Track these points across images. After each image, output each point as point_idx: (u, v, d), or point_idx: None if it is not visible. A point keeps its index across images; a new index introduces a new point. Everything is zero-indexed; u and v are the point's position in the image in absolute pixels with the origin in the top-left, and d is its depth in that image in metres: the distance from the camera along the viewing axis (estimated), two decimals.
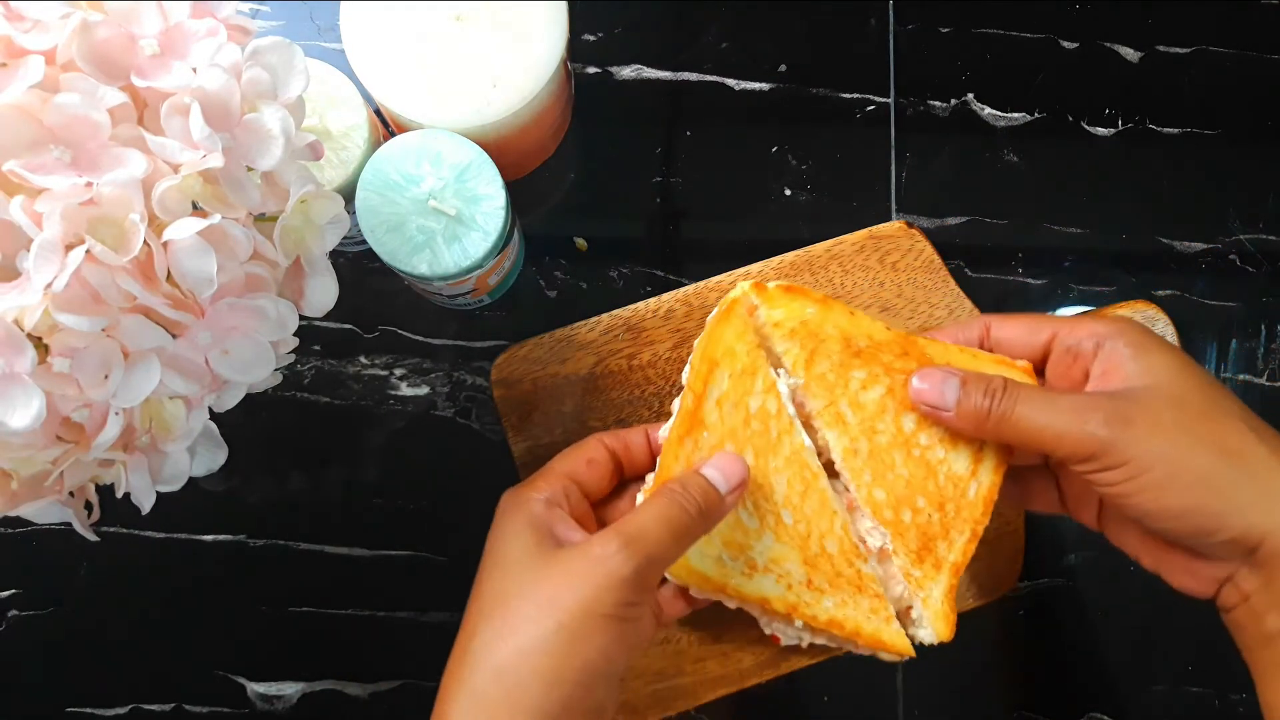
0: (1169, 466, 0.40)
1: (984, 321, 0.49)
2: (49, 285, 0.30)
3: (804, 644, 0.47)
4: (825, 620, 0.45)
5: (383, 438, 0.58)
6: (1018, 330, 0.48)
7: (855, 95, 0.62)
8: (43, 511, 0.36)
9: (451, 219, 0.47)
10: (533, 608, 0.39)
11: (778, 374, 0.47)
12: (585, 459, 0.47)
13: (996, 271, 0.61)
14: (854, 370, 0.47)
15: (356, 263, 0.58)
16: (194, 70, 0.33)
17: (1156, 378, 0.43)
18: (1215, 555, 0.42)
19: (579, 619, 0.38)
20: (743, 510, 0.45)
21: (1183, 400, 0.42)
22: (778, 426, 0.46)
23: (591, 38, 0.61)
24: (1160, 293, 0.61)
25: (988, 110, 0.62)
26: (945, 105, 0.62)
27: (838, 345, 0.47)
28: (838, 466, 0.47)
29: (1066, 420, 0.42)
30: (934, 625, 0.47)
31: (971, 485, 0.47)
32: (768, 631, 0.47)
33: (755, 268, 0.57)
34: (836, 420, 0.47)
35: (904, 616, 0.48)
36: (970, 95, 0.62)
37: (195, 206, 0.34)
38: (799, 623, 0.46)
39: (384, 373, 0.58)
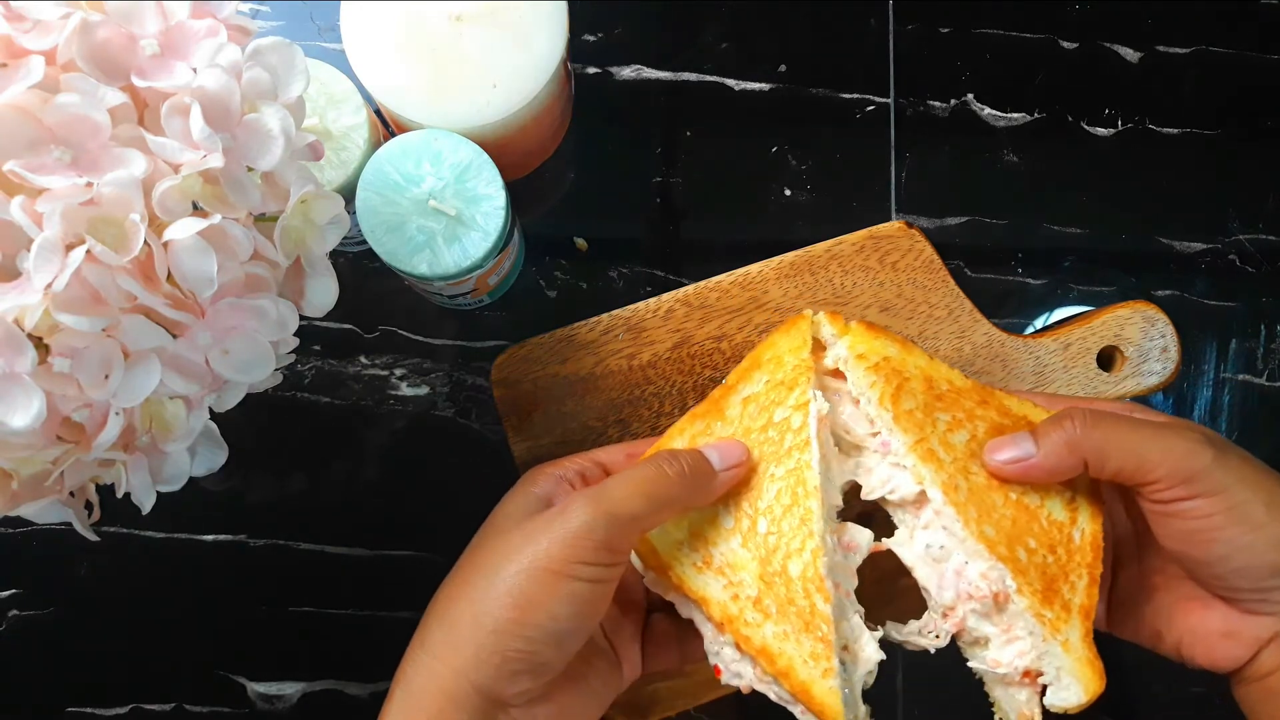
0: (1264, 498, 0.39)
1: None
2: (49, 285, 0.30)
3: (744, 687, 0.43)
4: (758, 646, 0.41)
5: (383, 438, 0.58)
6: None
7: (855, 95, 0.62)
8: (43, 511, 0.36)
9: (451, 219, 0.47)
10: (490, 560, 0.40)
11: (815, 395, 0.44)
12: (626, 452, 0.48)
13: (996, 271, 0.61)
14: (939, 413, 0.45)
15: (356, 263, 0.58)
16: (194, 70, 0.33)
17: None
18: (1272, 607, 0.41)
19: (526, 572, 0.38)
20: (722, 507, 0.44)
21: (1241, 446, 0.42)
22: (793, 440, 0.44)
23: (591, 38, 0.61)
24: (1160, 293, 0.61)
25: (988, 110, 0.62)
26: (945, 105, 0.62)
27: (921, 386, 0.45)
28: (938, 505, 0.43)
29: (1170, 440, 0.40)
30: (1079, 674, 0.41)
31: (1075, 532, 0.44)
32: (712, 661, 0.44)
33: (755, 268, 0.57)
34: (930, 456, 0.43)
35: (1012, 684, 0.43)
36: (970, 95, 0.62)
37: (195, 206, 0.34)
38: (727, 637, 0.42)
39: (384, 373, 0.58)
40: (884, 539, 0.45)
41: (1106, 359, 0.57)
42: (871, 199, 0.61)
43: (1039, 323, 0.60)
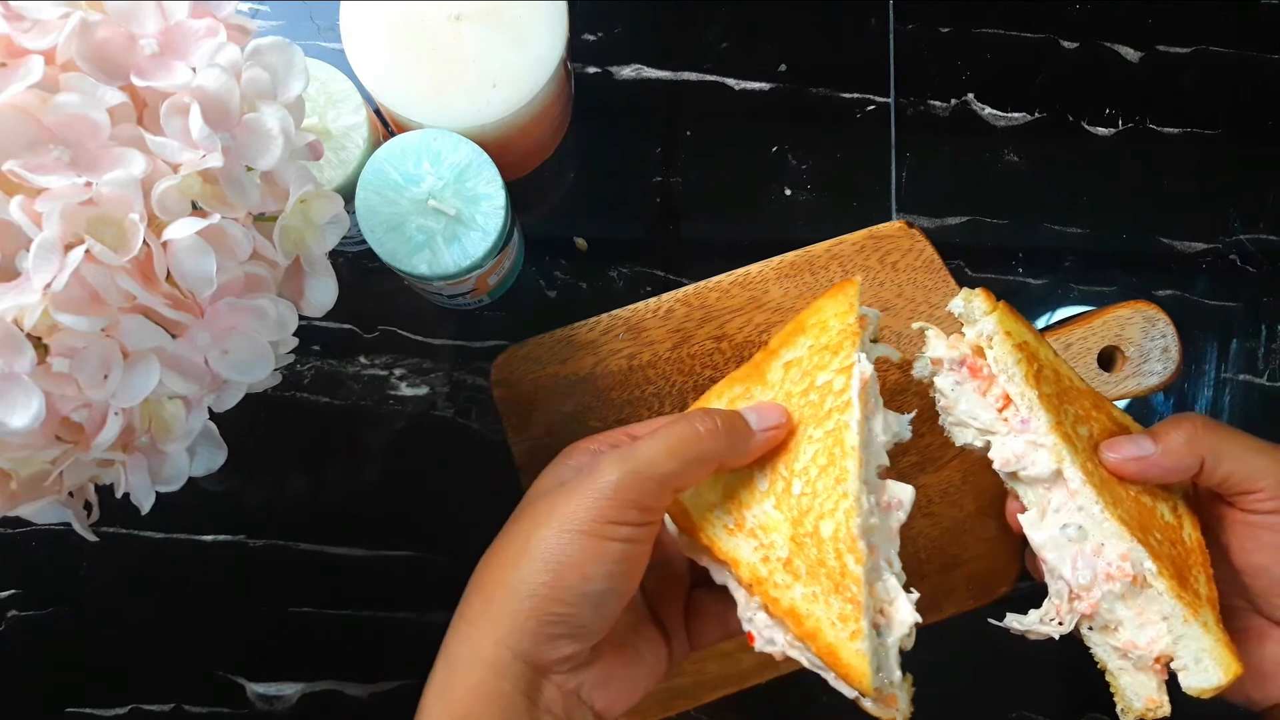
0: None
1: None
2: (48, 285, 0.30)
3: (776, 654, 0.42)
4: (786, 608, 0.40)
5: (383, 438, 0.58)
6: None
7: (855, 95, 0.62)
8: (42, 511, 0.36)
9: (451, 219, 0.47)
10: (522, 529, 0.40)
11: (859, 358, 0.43)
12: (661, 425, 0.47)
13: (996, 271, 0.61)
14: (1066, 404, 0.46)
15: (356, 263, 0.58)
16: (193, 70, 0.34)
17: None
18: None
19: (558, 535, 0.38)
20: (758, 470, 0.43)
21: None
22: (834, 402, 0.43)
23: (591, 38, 0.61)
24: (1160, 293, 0.61)
25: (988, 110, 0.62)
26: (945, 105, 0.62)
27: (1051, 375, 0.46)
28: (1075, 485, 0.43)
29: (1273, 453, 0.43)
30: (1219, 656, 0.41)
31: (1184, 535, 0.45)
32: (745, 628, 0.43)
33: (755, 268, 0.57)
34: (1068, 439, 0.44)
35: (1143, 670, 0.43)
36: (970, 95, 0.62)
37: (195, 206, 0.34)
38: (757, 600, 0.41)
39: (384, 373, 0.58)
40: (1019, 514, 0.46)
41: (1107, 359, 0.57)
42: (871, 199, 0.61)
43: (1039, 323, 0.60)
